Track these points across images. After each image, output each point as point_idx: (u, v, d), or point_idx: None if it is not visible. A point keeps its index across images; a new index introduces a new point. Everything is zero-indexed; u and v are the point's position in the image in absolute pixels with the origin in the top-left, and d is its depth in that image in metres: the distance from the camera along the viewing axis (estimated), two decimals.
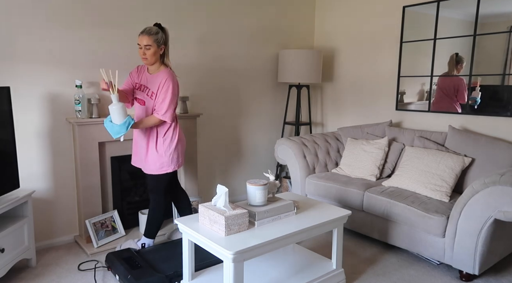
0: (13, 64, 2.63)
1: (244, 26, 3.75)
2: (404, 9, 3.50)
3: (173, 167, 2.62)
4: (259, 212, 2.09)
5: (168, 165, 2.60)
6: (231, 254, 1.79)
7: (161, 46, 2.51)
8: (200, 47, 3.49)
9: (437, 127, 3.37)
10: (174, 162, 2.61)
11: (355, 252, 2.85)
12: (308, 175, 3.36)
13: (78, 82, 2.77)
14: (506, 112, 2.93)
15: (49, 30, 2.72)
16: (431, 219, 2.47)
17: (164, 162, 2.58)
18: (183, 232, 2.16)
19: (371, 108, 3.88)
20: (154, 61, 2.52)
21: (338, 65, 4.15)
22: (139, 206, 3.22)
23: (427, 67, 3.38)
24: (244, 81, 3.86)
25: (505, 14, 2.89)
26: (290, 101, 4.28)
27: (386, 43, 3.69)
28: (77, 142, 2.81)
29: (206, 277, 2.24)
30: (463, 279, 2.45)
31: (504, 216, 2.17)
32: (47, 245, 2.89)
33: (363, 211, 2.93)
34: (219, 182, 3.85)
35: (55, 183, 2.89)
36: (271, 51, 4.00)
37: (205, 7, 3.47)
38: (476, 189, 2.28)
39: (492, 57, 2.98)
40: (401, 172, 2.95)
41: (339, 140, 3.69)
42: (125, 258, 2.45)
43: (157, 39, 2.47)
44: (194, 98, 3.53)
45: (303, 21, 4.23)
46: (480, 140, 2.83)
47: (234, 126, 3.87)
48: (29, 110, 2.72)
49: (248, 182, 2.17)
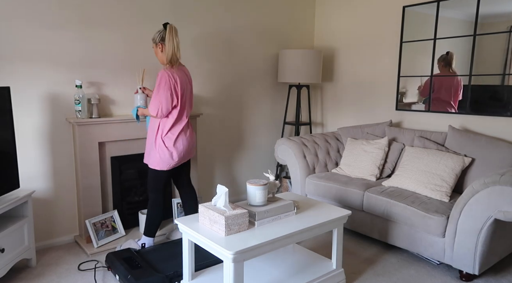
0: (13, 64, 2.63)
1: (244, 26, 3.75)
2: (404, 9, 3.50)
3: (168, 165, 2.62)
4: (259, 212, 2.09)
5: (163, 162, 2.60)
6: (231, 254, 1.79)
7: (158, 44, 2.59)
8: (200, 48, 3.49)
9: (437, 127, 3.37)
10: (169, 159, 2.61)
11: (355, 252, 2.85)
12: (308, 175, 3.36)
13: (78, 82, 2.77)
14: (506, 112, 2.94)
15: (49, 30, 2.72)
16: (431, 219, 2.47)
17: (159, 158, 2.60)
18: (183, 232, 2.16)
19: (371, 108, 3.88)
20: (161, 60, 2.63)
21: (338, 65, 4.15)
22: (139, 206, 3.22)
23: (427, 67, 3.38)
24: (244, 81, 3.86)
25: (505, 14, 2.89)
26: (290, 101, 4.28)
27: (386, 43, 3.69)
28: (77, 142, 2.81)
29: (206, 277, 2.24)
30: (463, 279, 2.45)
31: (504, 216, 2.17)
32: (47, 245, 2.89)
33: (363, 211, 2.93)
34: (219, 182, 3.85)
35: (55, 183, 2.89)
36: (271, 51, 4.01)
37: (204, 7, 3.46)
38: (476, 189, 2.28)
39: (492, 57, 2.98)
40: (401, 172, 2.95)
41: (339, 141, 3.69)
42: (125, 258, 2.45)
43: (153, 38, 2.61)
44: (194, 98, 3.54)
45: (303, 21, 4.23)
46: (480, 140, 2.83)
47: (234, 126, 3.87)
48: (29, 110, 2.72)
49: (248, 182, 2.17)
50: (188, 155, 2.72)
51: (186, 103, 2.66)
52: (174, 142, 2.60)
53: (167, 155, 2.59)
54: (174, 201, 3.22)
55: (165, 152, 2.59)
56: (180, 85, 2.56)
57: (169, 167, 2.64)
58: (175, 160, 2.63)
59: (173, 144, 2.60)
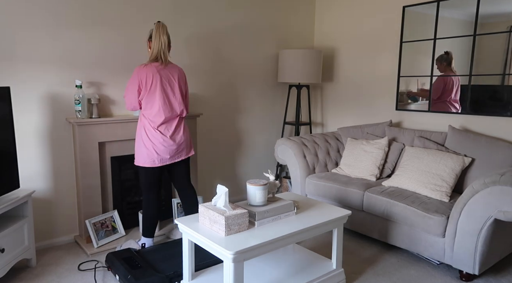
0: (13, 64, 2.63)
1: (244, 26, 3.75)
2: (404, 9, 3.50)
3: (151, 161, 2.59)
4: (259, 212, 2.09)
5: (145, 158, 2.59)
6: (231, 254, 1.79)
7: (148, 41, 2.65)
8: (200, 47, 3.49)
9: (437, 127, 3.37)
10: (144, 157, 2.59)
11: (355, 252, 2.85)
12: (308, 175, 3.36)
13: (78, 82, 2.77)
14: (506, 112, 2.94)
15: (49, 30, 2.72)
16: (431, 219, 2.47)
17: (141, 154, 2.61)
18: (183, 232, 2.16)
19: (371, 108, 3.88)
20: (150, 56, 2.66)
21: (338, 65, 4.15)
22: (139, 206, 3.22)
23: (427, 67, 3.38)
24: (244, 81, 3.86)
25: (505, 14, 2.89)
26: (290, 101, 4.28)
27: (386, 43, 3.69)
28: (77, 142, 2.81)
29: (206, 277, 2.24)
30: (463, 279, 2.45)
31: (504, 216, 2.17)
32: (47, 245, 2.89)
33: (363, 211, 2.93)
34: (219, 182, 3.85)
35: (55, 183, 2.89)
36: (271, 51, 4.01)
37: (204, 7, 3.47)
38: (476, 189, 2.28)
39: (492, 57, 2.98)
40: (401, 172, 2.95)
41: (339, 141, 3.69)
42: (125, 258, 2.45)
43: (148, 37, 2.66)
44: (194, 98, 3.54)
45: (303, 21, 4.24)
46: (480, 140, 2.83)
47: (234, 126, 3.87)
48: (29, 110, 2.72)
49: (248, 182, 2.17)
50: (175, 153, 2.64)
51: (164, 99, 2.57)
52: (144, 138, 2.58)
53: (148, 151, 2.57)
54: (174, 201, 3.22)
55: (146, 147, 2.58)
56: (153, 80, 2.53)
57: (153, 164, 2.60)
58: (156, 156, 2.58)
59: (154, 140, 2.57)
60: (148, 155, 2.58)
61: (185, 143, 2.70)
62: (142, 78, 2.53)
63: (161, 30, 2.54)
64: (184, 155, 2.72)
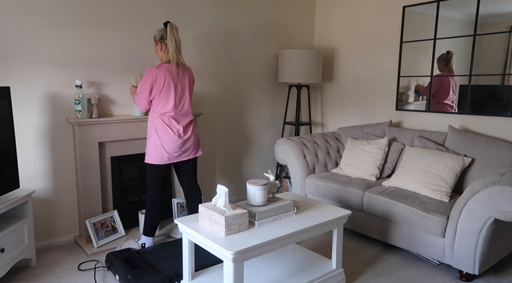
0: (13, 64, 2.63)
1: (244, 26, 3.75)
2: (404, 9, 3.50)
3: (161, 159, 2.62)
4: (259, 212, 2.09)
5: (149, 155, 2.64)
6: (231, 254, 1.79)
7: (157, 42, 2.63)
8: (200, 48, 3.49)
9: (437, 127, 3.37)
10: (153, 154, 2.63)
11: (355, 252, 2.85)
12: (308, 175, 3.36)
13: (78, 82, 2.77)
14: (506, 112, 2.94)
15: (49, 30, 2.72)
16: (431, 219, 2.47)
17: (151, 151, 2.64)
18: (183, 232, 2.16)
19: (371, 108, 3.88)
20: (160, 58, 2.66)
21: (338, 65, 4.15)
22: (139, 206, 3.22)
23: (427, 67, 3.38)
24: (244, 81, 3.86)
25: (505, 14, 2.89)
26: (290, 101, 4.28)
27: (386, 43, 3.69)
28: (77, 142, 2.81)
29: (206, 277, 2.24)
30: (463, 279, 2.45)
31: (504, 216, 2.17)
32: (47, 245, 2.89)
33: (363, 211, 2.93)
34: (219, 182, 3.85)
35: (55, 183, 2.89)
36: (271, 51, 4.01)
37: (204, 7, 3.47)
38: (476, 189, 2.28)
39: (492, 57, 2.98)
40: (401, 172, 2.95)
41: (339, 141, 3.69)
42: (125, 258, 2.45)
43: (154, 37, 2.65)
44: (194, 98, 3.54)
45: (303, 21, 4.24)
46: (480, 140, 2.83)
47: (234, 126, 3.87)
48: (29, 110, 2.72)
49: (248, 182, 2.17)
50: (184, 151, 2.68)
51: (175, 99, 2.61)
52: (155, 136, 2.62)
53: (157, 148, 2.61)
54: (174, 201, 3.22)
55: (155, 144, 2.61)
56: (165, 80, 2.56)
57: (161, 161, 2.63)
58: (165, 153, 2.62)
59: (154, 138, 2.62)
60: (157, 151, 2.62)
61: (193, 142, 2.75)
62: (154, 78, 2.56)
63: (175, 30, 2.57)
64: (192, 154, 2.76)
